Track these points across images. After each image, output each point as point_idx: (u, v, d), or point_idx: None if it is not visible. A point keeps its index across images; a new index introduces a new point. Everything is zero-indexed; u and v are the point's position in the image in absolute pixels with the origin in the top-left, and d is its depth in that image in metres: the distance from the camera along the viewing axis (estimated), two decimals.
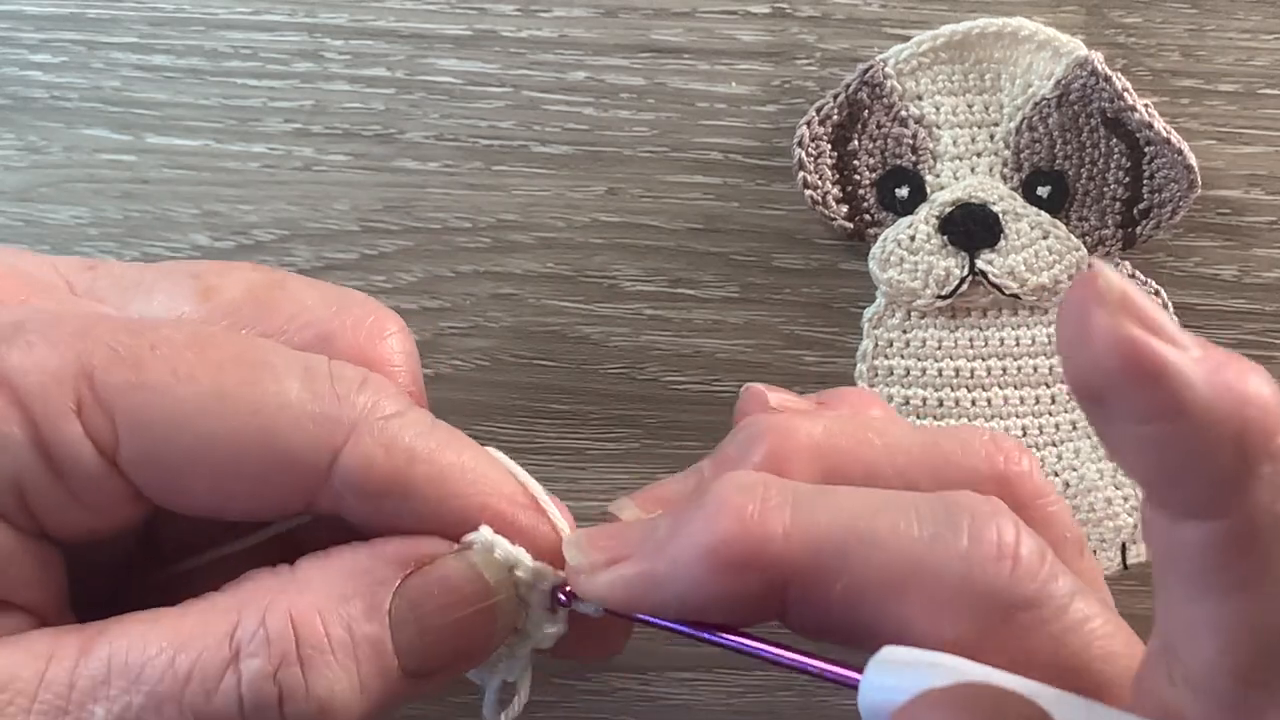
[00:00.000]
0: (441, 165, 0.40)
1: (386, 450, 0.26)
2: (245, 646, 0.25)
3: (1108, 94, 0.39)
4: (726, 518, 0.25)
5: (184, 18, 0.41)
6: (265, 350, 0.27)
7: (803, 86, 0.40)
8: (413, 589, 0.26)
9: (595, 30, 0.40)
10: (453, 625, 0.26)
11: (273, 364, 0.26)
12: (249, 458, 0.25)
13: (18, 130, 0.41)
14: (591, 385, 0.41)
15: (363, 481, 0.26)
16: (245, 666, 0.24)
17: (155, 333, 0.26)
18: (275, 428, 0.25)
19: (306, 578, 0.26)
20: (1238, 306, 0.40)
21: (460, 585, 0.26)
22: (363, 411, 0.26)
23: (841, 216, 0.40)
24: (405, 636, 0.26)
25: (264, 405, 0.25)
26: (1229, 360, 0.22)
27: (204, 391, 0.25)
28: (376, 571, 0.26)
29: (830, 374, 0.40)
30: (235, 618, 0.25)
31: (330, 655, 0.25)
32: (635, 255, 0.40)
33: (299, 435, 0.26)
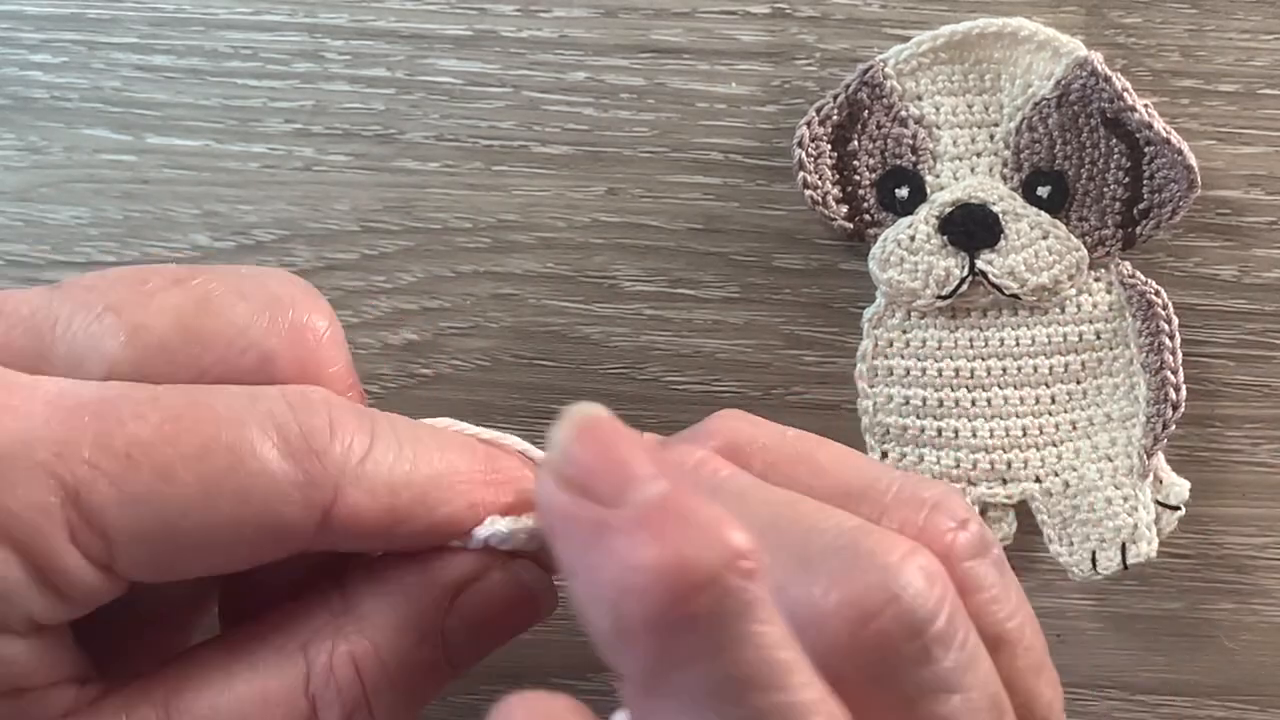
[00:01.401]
0: (441, 165, 0.40)
1: (372, 495, 0.26)
2: (321, 697, 0.26)
3: (1108, 94, 0.39)
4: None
5: (184, 18, 0.41)
6: (235, 423, 0.26)
7: (803, 86, 0.40)
8: (464, 609, 0.27)
9: (595, 30, 0.40)
10: (502, 631, 0.28)
11: (248, 439, 0.26)
12: (244, 539, 0.26)
13: (18, 130, 0.41)
14: (592, 385, 0.41)
15: (358, 530, 0.26)
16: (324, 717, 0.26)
17: (124, 432, 0.25)
18: (266, 508, 0.26)
19: (361, 613, 0.27)
20: (1238, 306, 0.40)
21: (506, 595, 0.28)
22: (340, 464, 0.26)
23: (841, 217, 0.40)
24: (458, 648, 0.27)
25: (252, 490, 0.26)
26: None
27: (190, 491, 0.25)
28: (428, 597, 0.27)
29: (830, 374, 0.40)
30: (304, 667, 0.26)
31: (393, 691, 0.27)
32: (635, 255, 0.40)
33: (290, 508, 0.26)
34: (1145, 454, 0.39)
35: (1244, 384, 0.40)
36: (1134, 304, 0.39)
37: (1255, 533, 0.40)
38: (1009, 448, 0.40)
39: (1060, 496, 0.39)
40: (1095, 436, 0.39)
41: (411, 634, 0.27)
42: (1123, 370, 0.39)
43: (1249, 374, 0.40)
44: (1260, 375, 0.40)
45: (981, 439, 0.40)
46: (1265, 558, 0.41)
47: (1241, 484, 0.40)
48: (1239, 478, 0.40)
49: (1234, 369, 0.40)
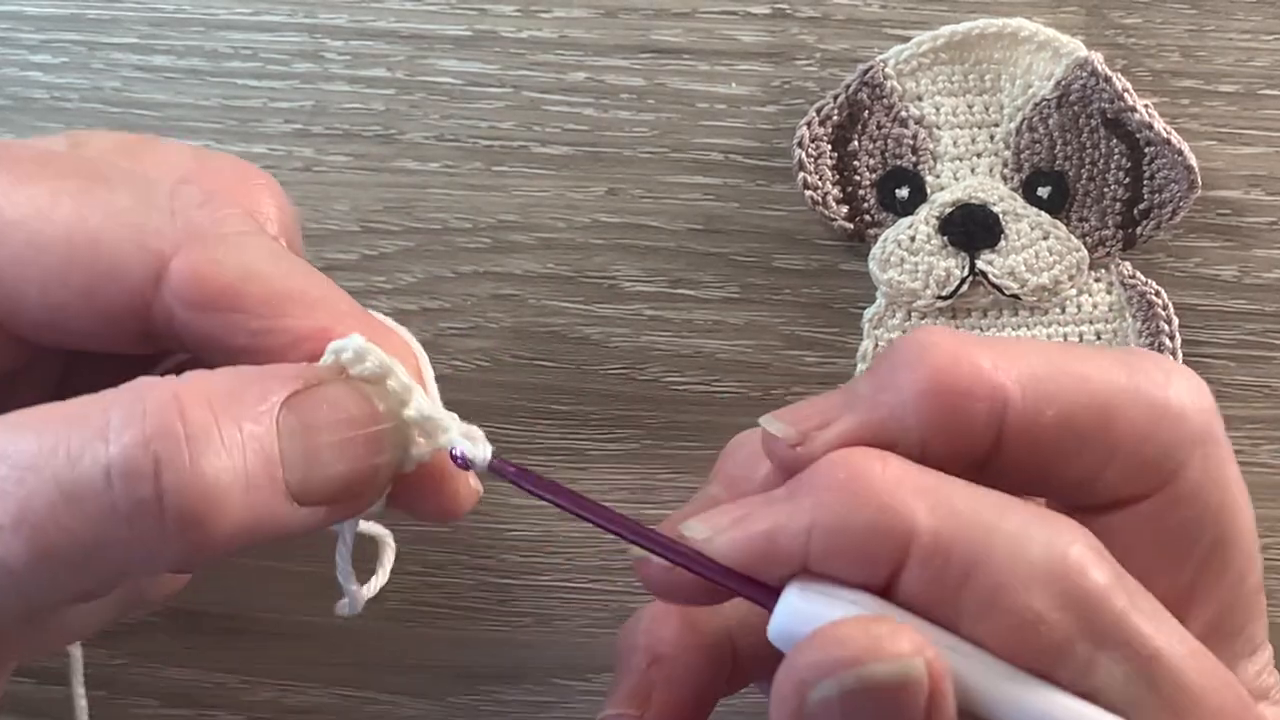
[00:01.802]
0: (441, 165, 0.40)
1: (217, 264, 0.26)
2: (117, 422, 0.23)
3: (1108, 94, 0.39)
4: (939, 354, 0.25)
5: (184, 18, 0.41)
6: (110, 168, 0.26)
7: (803, 87, 0.40)
8: (302, 403, 0.25)
9: (595, 30, 0.40)
10: (339, 446, 0.25)
11: (109, 177, 0.26)
12: (76, 264, 0.25)
13: (18, 131, 0.41)
14: (592, 386, 0.41)
15: (190, 293, 0.25)
16: (115, 436, 0.23)
17: (4, 149, 0.26)
18: (102, 234, 0.25)
19: (196, 377, 0.25)
20: (1238, 307, 0.40)
21: (349, 406, 0.26)
22: (199, 226, 0.26)
23: (841, 217, 0.40)
24: (292, 451, 0.25)
25: (93, 212, 0.25)
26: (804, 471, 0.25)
27: (37, 196, 0.25)
28: (266, 383, 0.25)
29: (830, 374, 0.40)
30: (112, 400, 0.24)
31: (219, 441, 0.24)
32: (635, 255, 0.40)
33: (126, 243, 0.25)
34: None
35: (1244, 384, 0.40)
36: (1134, 304, 0.39)
37: (1256, 533, 0.40)
38: None
39: None
40: None
41: (246, 404, 0.24)
42: None
43: (1249, 374, 0.40)
44: (1260, 375, 0.40)
45: None
46: (1265, 558, 0.40)
47: None
48: None
49: (1234, 369, 0.40)
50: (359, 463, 0.26)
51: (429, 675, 0.41)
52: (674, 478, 0.41)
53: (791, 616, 0.24)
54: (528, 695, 0.41)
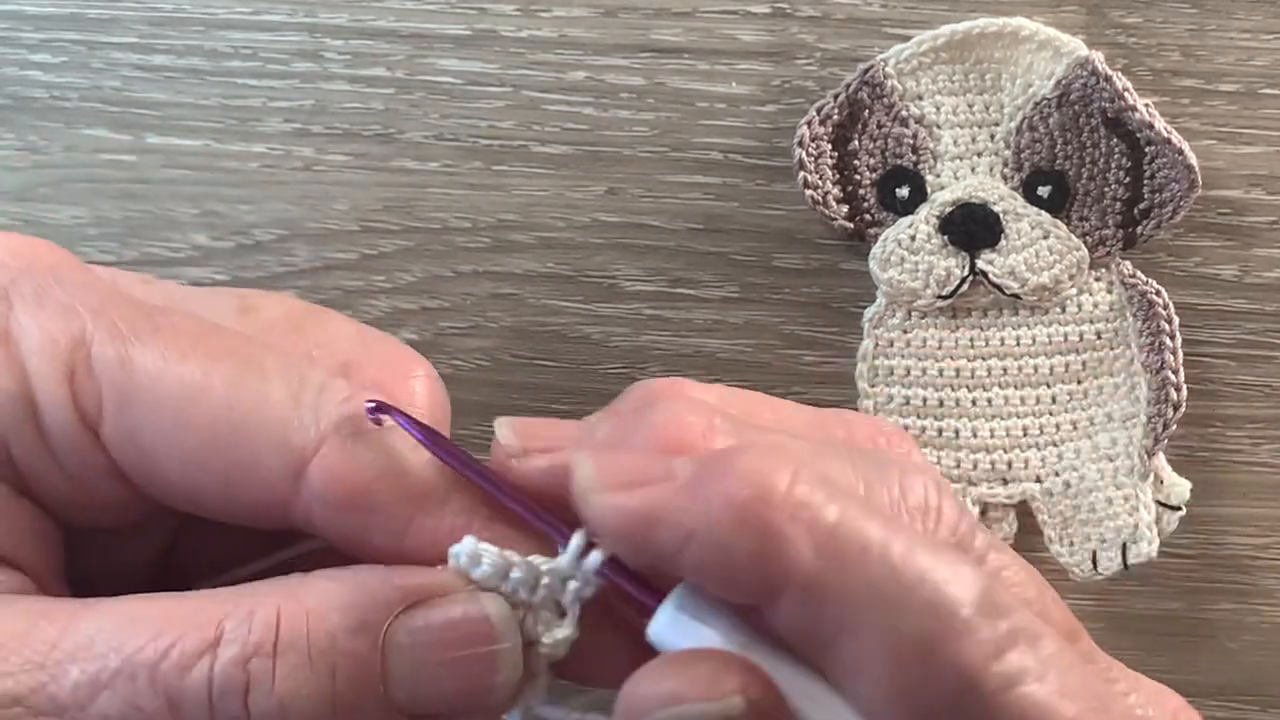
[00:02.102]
0: (441, 165, 0.40)
1: (354, 465, 0.26)
2: (228, 633, 0.24)
3: (1108, 94, 0.39)
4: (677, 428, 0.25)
5: (184, 18, 0.41)
6: (264, 352, 0.26)
7: (803, 86, 0.40)
8: (415, 618, 0.25)
9: (595, 30, 0.40)
10: (449, 663, 0.25)
11: (264, 365, 0.26)
12: (217, 451, 0.25)
13: (18, 130, 0.41)
14: (592, 385, 0.41)
15: (327, 494, 0.26)
16: (222, 651, 0.24)
17: (164, 317, 0.26)
18: (246, 427, 0.25)
19: (311, 586, 0.25)
20: (1238, 306, 0.40)
21: (463, 624, 0.26)
22: (339, 424, 0.26)
23: (842, 216, 0.40)
24: (399, 665, 0.25)
25: (241, 402, 0.25)
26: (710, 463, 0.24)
27: (189, 378, 0.25)
28: (382, 593, 0.25)
29: (830, 374, 0.40)
30: (228, 607, 0.25)
31: (305, 656, 0.24)
32: (635, 255, 0.40)
33: (267, 438, 0.25)
34: (1146, 454, 0.39)
35: (1245, 384, 0.40)
36: (1134, 304, 0.39)
37: (1256, 533, 0.40)
38: (1009, 448, 0.40)
39: (1061, 497, 0.39)
40: (1096, 436, 0.39)
41: (350, 616, 0.25)
42: (1123, 370, 0.39)
43: (1250, 374, 0.40)
44: (1261, 375, 0.40)
45: (982, 439, 0.40)
46: (1266, 558, 0.41)
47: (1242, 484, 0.40)
48: (1240, 478, 0.40)
49: (1235, 369, 0.40)
50: (471, 681, 0.26)
51: None
52: None
53: (666, 626, 0.25)
54: None
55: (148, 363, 0.25)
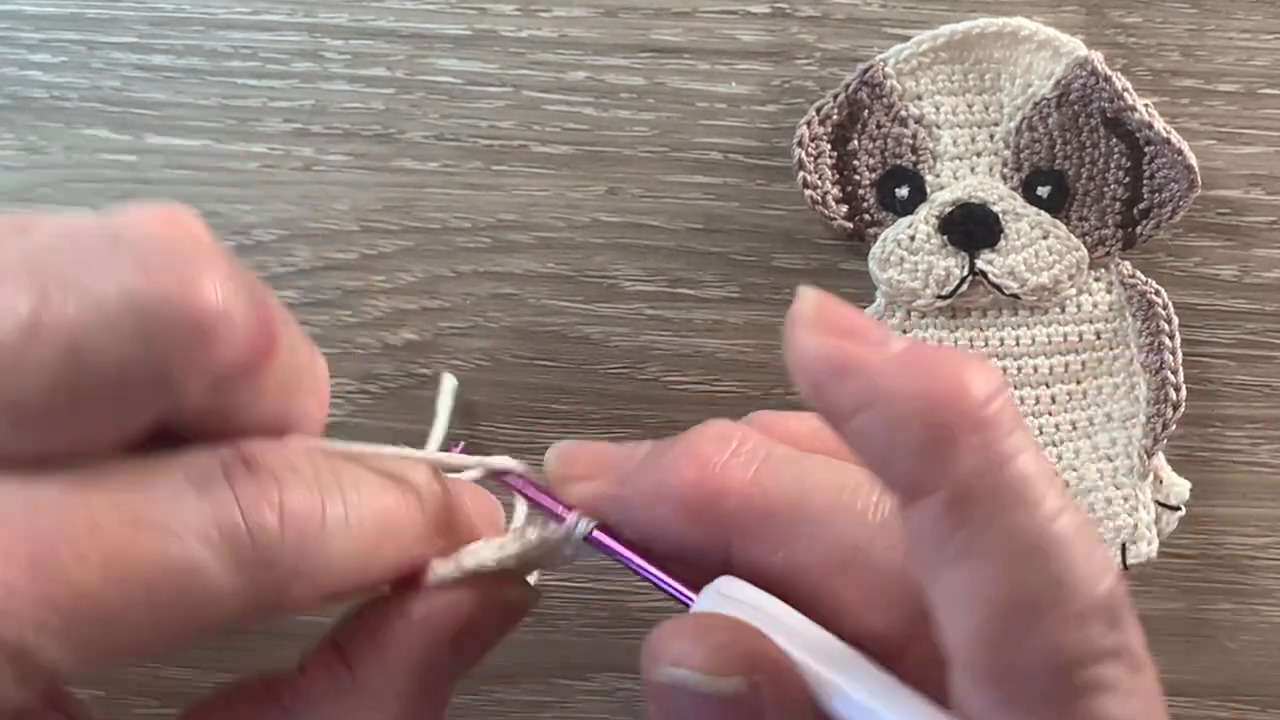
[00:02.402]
0: (441, 165, 0.40)
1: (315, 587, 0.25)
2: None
3: (1108, 94, 0.39)
4: (690, 464, 0.26)
5: (184, 18, 0.41)
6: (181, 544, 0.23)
7: (803, 86, 0.40)
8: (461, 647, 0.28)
9: (595, 30, 0.40)
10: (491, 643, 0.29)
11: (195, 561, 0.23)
12: (189, 638, 0.24)
13: (18, 130, 0.41)
14: (592, 385, 0.41)
15: (300, 611, 0.25)
16: None
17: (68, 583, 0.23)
18: (213, 616, 0.24)
19: (371, 689, 0.27)
20: (1238, 306, 0.40)
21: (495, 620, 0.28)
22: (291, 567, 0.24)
23: (841, 216, 0.40)
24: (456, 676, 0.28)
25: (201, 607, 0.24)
26: (933, 353, 0.23)
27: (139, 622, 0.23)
28: (432, 655, 0.27)
29: None
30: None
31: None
32: (635, 255, 0.40)
33: (236, 612, 0.24)
34: (1145, 454, 0.39)
35: (1244, 384, 0.40)
36: (1134, 304, 0.39)
37: (1255, 533, 0.40)
38: None
39: None
40: (1095, 437, 0.39)
41: (420, 700, 0.27)
42: (1123, 370, 0.39)
43: (1249, 374, 0.40)
44: (1261, 375, 0.40)
45: None
46: (1265, 558, 0.41)
47: (1242, 484, 0.40)
48: (1239, 478, 0.40)
49: (1234, 369, 0.40)
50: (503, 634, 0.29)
51: None
52: None
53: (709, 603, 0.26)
54: (527, 695, 0.41)
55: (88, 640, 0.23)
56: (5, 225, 0.23)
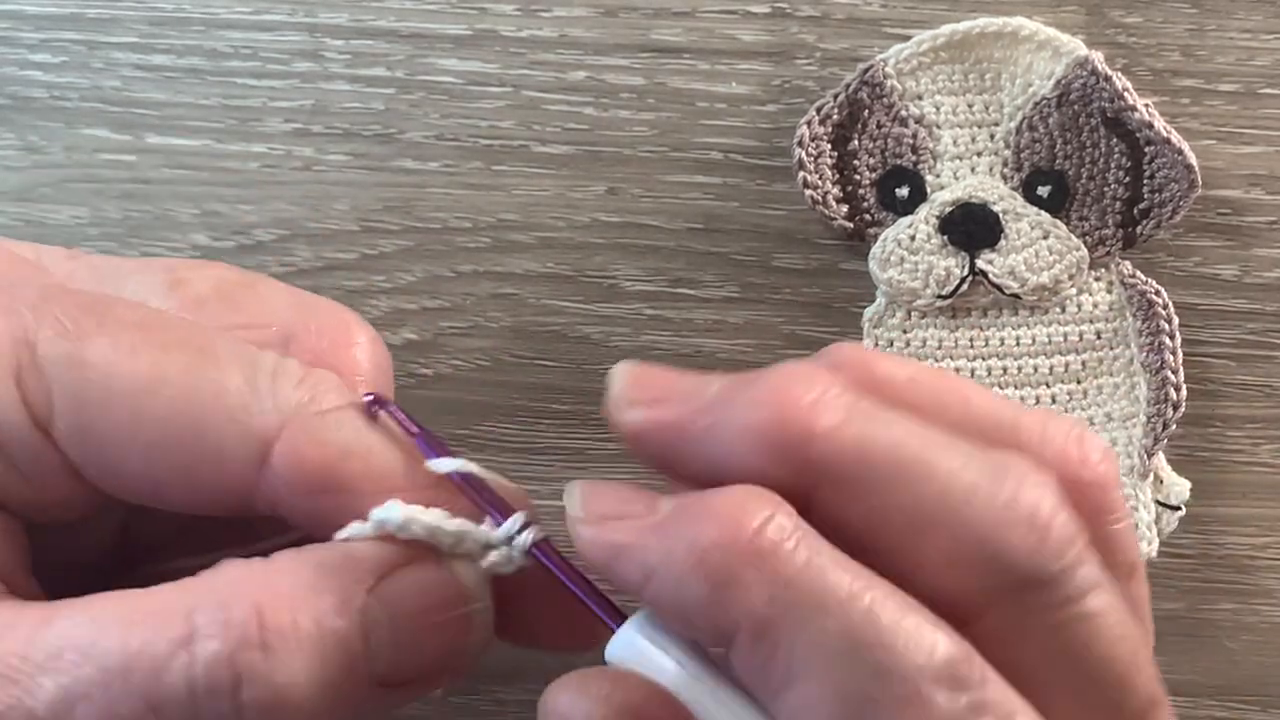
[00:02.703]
0: (441, 165, 0.40)
1: (318, 444, 0.26)
2: (202, 629, 0.24)
3: (1108, 94, 0.39)
4: (780, 398, 0.24)
5: (184, 18, 0.41)
6: (212, 339, 0.26)
7: (803, 86, 0.40)
8: (388, 590, 0.25)
9: (595, 30, 0.40)
10: (427, 630, 0.25)
11: (216, 352, 0.26)
12: (178, 443, 0.25)
13: (18, 130, 0.41)
14: (592, 385, 0.41)
15: (294, 477, 0.25)
16: (199, 649, 0.24)
17: (107, 309, 0.26)
18: (206, 416, 0.25)
19: (279, 568, 0.25)
20: (1238, 306, 0.40)
21: (437, 590, 0.26)
22: (297, 406, 0.26)
23: (841, 216, 0.40)
24: (379, 641, 0.25)
25: (200, 392, 0.25)
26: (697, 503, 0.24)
27: (142, 371, 0.25)
28: (352, 570, 0.25)
29: None
30: (196, 600, 0.24)
31: (295, 645, 0.24)
32: (635, 255, 0.40)
33: (230, 426, 0.25)
34: (1146, 454, 0.39)
35: (1245, 384, 0.40)
36: (1134, 304, 0.39)
37: (1256, 533, 0.40)
38: None
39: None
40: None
41: (327, 598, 0.24)
42: (1123, 370, 0.39)
43: (1250, 374, 0.40)
44: (1261, 375, 0.40)
45: None
46: (1266, 558, 0.41)
47: (1242, 484, 0.40)
48: (1240, 478, 0.40)
49: (1235, 369, 0.40)
50: (449, 645, 0.26)
51: None
52: None
53: (622, 648, 0.25)
54: (527, 695, 0.41)
55: (98, 359, 0.25)
56: None
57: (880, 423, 0.24)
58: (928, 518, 0.24)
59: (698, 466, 0.25)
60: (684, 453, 0.25)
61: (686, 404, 0.25)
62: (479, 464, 0.28)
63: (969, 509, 0.24)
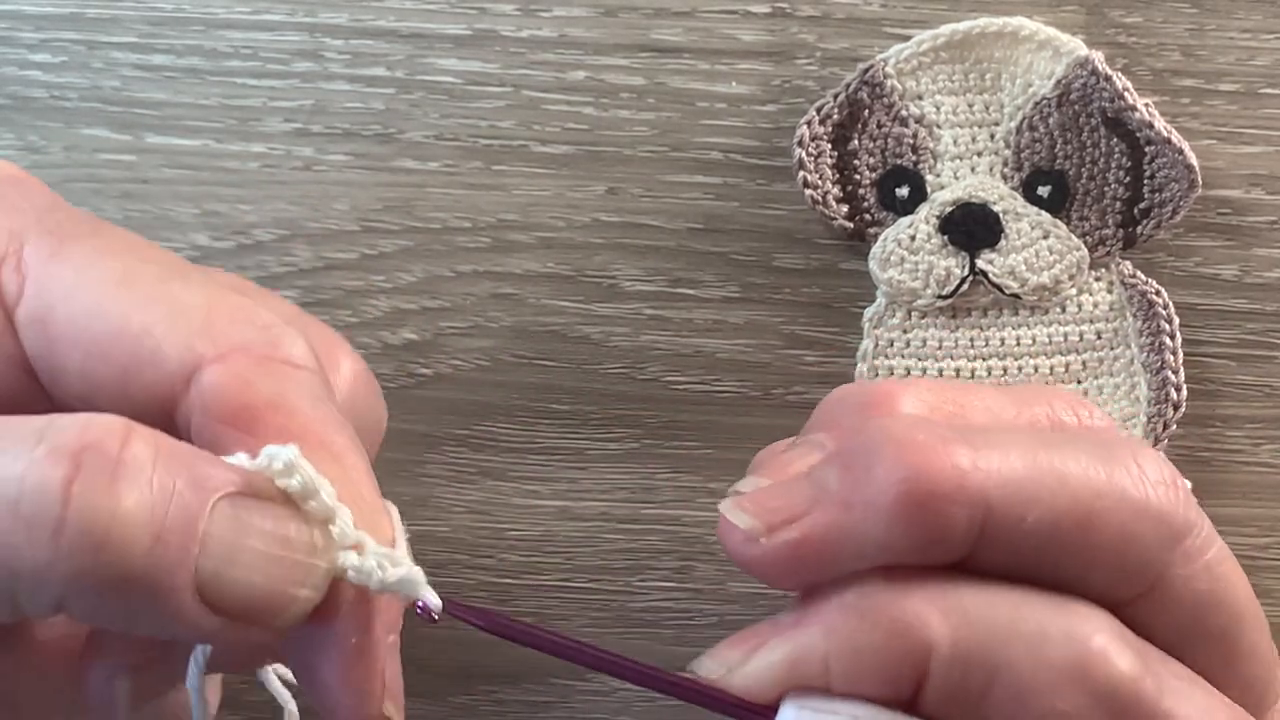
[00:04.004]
0: (441, 165, 0.40)
1: (248, 383, 0.25)
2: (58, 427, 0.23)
3: (1108, 94, 0.39)
4: (914, 452, 0.23)
5: (184, 17, 0.41)
6: (192, 269, 0.27)
7: (803, 86, 0.40)
8: (246, 502, 0.24)
9: (595, 30, 0.40)
10: (265, 558, 0.24)
11: (190, 276, 0.26)
12: (122, 343, 0.25)
13: (18, 130, 0.41)
14: (592, 385, 0.41)
15: (210, 399, 0.25)
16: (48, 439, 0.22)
17: (108, 227, 0.27)
18: (155, 322, 0.25)
19: (159, 432, 0.24)
20: (1238, 306, 0.40)
21: (290, 529, 0.24)
22: (250, 342, 0.25)
23: (841, 216, 0.40)
24: (216, 538, 0.23)
25: (158, 301, 0.25)
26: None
27: (111, 275, 0.26)
28: (223, 468, 0.24)
29: (830, 374, 0.40)
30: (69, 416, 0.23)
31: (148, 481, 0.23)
32: (635, 255, 0.40)
33: (173, 334, 0.25)
34: None
35: (1245, 384, 0.40)
36: (1134, 304, 0.39)
37: (1256, 533, 0.40)
38: None
39: None
40: None
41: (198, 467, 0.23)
42: (1123, 370, 0.39)
43: (1250, 374, 0.40)
44: (1261, 375, 0.40)
45: None
46: (1266, 558, 0.41)
47: (1242, 484, 0.40)
48: (1240, 478, 0.40)
49: (1235, 369, 0.40)
50: (279, 584, 0.24)
51: (429, 675, 0.41)
52: (673, 477, 0.40)
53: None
54: (527, 695, 0.41)
55: (75, 255, 0.26)
56: None
57: (997, 445, 0.24)
58: (1087, 510, 0.24)
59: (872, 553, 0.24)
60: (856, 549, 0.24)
61: (826, 506, 0.24)
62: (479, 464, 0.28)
63: (1117, 488, 0.25)
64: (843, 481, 0.24)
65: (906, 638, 0.23)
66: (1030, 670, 0.23)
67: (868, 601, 0.24)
